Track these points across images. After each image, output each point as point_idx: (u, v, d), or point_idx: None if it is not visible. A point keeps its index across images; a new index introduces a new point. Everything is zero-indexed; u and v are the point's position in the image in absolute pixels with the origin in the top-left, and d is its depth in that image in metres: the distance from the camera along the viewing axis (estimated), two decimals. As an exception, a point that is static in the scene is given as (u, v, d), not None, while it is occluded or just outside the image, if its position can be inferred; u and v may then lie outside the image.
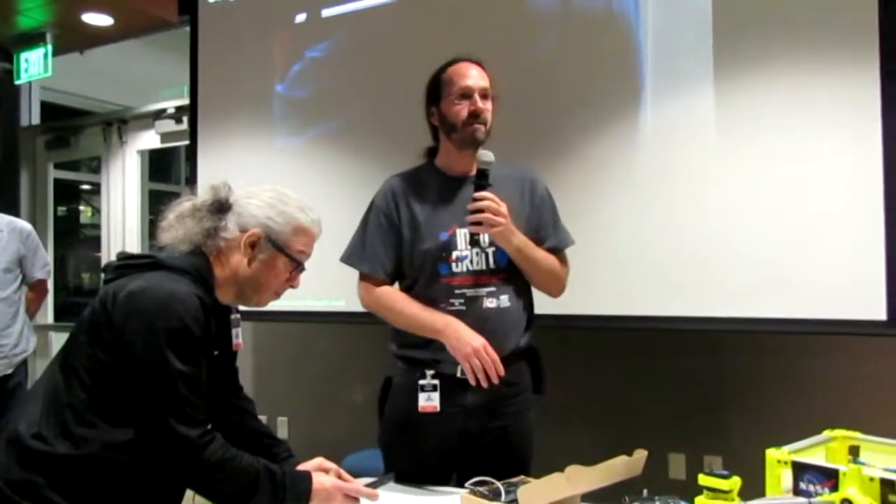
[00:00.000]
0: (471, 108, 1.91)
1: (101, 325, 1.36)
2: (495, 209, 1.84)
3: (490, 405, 1.89)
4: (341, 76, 3.37)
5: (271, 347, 4.09)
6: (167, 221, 1.50)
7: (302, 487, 1.43)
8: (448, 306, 1.89)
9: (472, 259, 1.92)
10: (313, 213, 1.55)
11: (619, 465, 1.34)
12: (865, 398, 2.77)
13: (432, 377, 1.89)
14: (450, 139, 1.97)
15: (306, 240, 1.53)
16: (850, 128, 2.48)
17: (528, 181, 2.05)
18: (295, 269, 1.53)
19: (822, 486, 1.03)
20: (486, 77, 1.97)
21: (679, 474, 3.05)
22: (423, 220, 1.95)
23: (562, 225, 2.09)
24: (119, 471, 1.34)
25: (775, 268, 2.57)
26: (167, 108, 4.51)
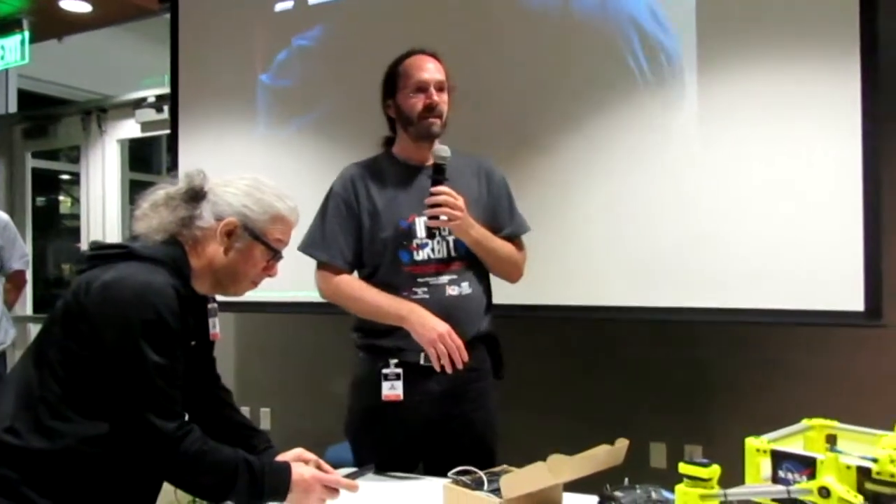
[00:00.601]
0: (426, 101, 1.94)
1: (75, 316, 1.33)
2: (452, 203, 1.87)
3: (453, 391, 1.92)
4: (327, 65, 3.34)
5: (254, 338, 4.07)
6: (141, 210, 1.46)
7: (281, 479, 1.41)
8: (411, 295, 1.91)
9: (433, 247, 1.94)
10: (290, 201, 1.53)
11: (601, 454, 1.35)
12: (843, 388, 2.80)
13: (395, 366, 1.90)
14: (406, 132, 2.00)
15: (284, 228, 1.51)
16: (831, 124, 2.50)
17: (484, 170, 2.08)
18: (272, 258, 1.51)
19: (800, 474, 1.04)
20: (441, 70, 1.99)
21: (660, 463, 3.08)
22: (383, 208, 1.96)
23: (518, 212, 2.12)
24: (95, 464, 1.32)
25: (755, 260, 2.59)
26: (147, 97, 4.46)
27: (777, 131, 2.58)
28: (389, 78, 2.02)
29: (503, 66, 2.97)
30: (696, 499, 1.05)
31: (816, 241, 2.51)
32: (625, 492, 1.26)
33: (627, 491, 1.26)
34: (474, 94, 3.03)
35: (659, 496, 1.24)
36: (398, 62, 2.01)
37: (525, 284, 2.53)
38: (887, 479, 0.95)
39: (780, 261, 2.56)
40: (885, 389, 2.77)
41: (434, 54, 2.01)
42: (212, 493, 1.40)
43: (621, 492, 1.26)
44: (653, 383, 3.13)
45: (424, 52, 2.01)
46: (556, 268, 2.88)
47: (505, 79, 2.97)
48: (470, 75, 3.04)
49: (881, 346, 2.75)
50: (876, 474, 0.96)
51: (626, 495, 1.24)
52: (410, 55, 2.01)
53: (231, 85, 3.59)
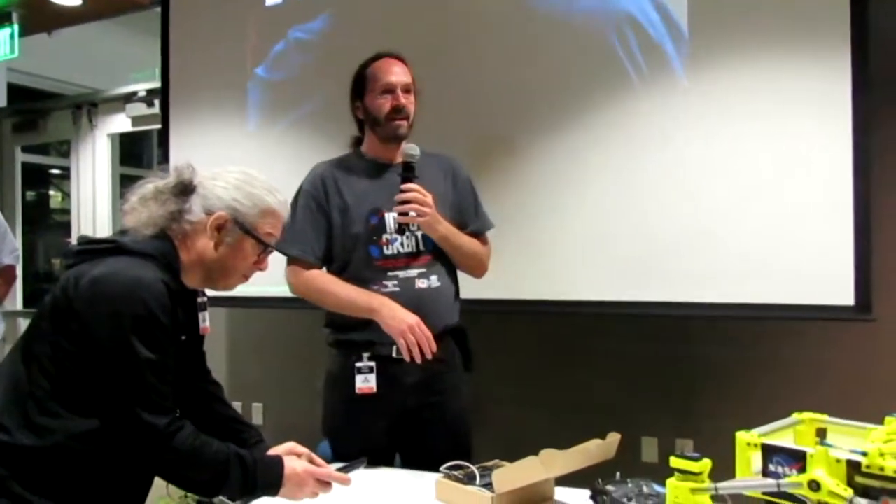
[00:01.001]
0: (393, 102, 2.00)
1: (64, 312, 1.32)
2: (421, 200, 1.93)
3: (425, 382, 1.98)
4: (321, 59, 3.33)
5: (246, 333, 4.07)
6: (130, 204, 1.45)
7: (273, 473, 1.41)
8: (382, 288, 1.96)
9: (403, 242, 2.00)
10: (280, 195, 1.52)
11: (593, 448, 1.35)
12: (833, 382, 2.82)
13: (368, 359, 1.95)
14: (374, 132, 2.06)
15: (274, 221, 1.50)
16: (822, 120, 2.51)
17: (451, 168, 2.15)
18: (263, 252, 1.51)
19: (790, 467, 1.05)
20: (408, 73, 2.06)
21: (651, 457, 3.09)
22: (353, 204, 2.01)
23: (482, 209, 2.20)
24: (84, 461, 1.32)
25: (746, 255, 2.60)
26: (138, 91, 4.44)
27: (768, 128, 2.58)
28: (357, 80, 2.09)
29: (498, 65, 2.97)
30: (687, 492, 1.05)
31: (807, 236, 2.52)
32: (616, 486, 1.27)
33: (619, 485, 1.27)
34: (472, 91, 3.05)
35: (650, 490, 1.24)
36: (366, 65, 2.08)
37: (519, 280, 2.54)
38: (877, 472, 0.96)
39: (770, 256, 2.57)
40: (875, 383, 2.79)
41: (401, 57, 2.09)
42: (204, 488, 1.40)
43: (613, 486, 1.27)
44: (645, 378, 3.13)
45: (391, 56, 2.08)
46: (550, 264, 2.89)
47: (499, 77, 2.97)
48: (468, 71, 3.06)
49: (871, 340, 2.76)
50: (865, 468, 0.97)
51: (618, 489, 1.25)
52: (378, 59, 2.08)
53: (223, 79, 3.58)
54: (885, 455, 0.96)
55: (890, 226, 2.72)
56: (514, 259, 2.90)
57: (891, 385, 2.79)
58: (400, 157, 2.03)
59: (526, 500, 1.38)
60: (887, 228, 2.69)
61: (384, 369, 1.96)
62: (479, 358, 3.40)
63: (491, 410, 3.39)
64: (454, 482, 1.43)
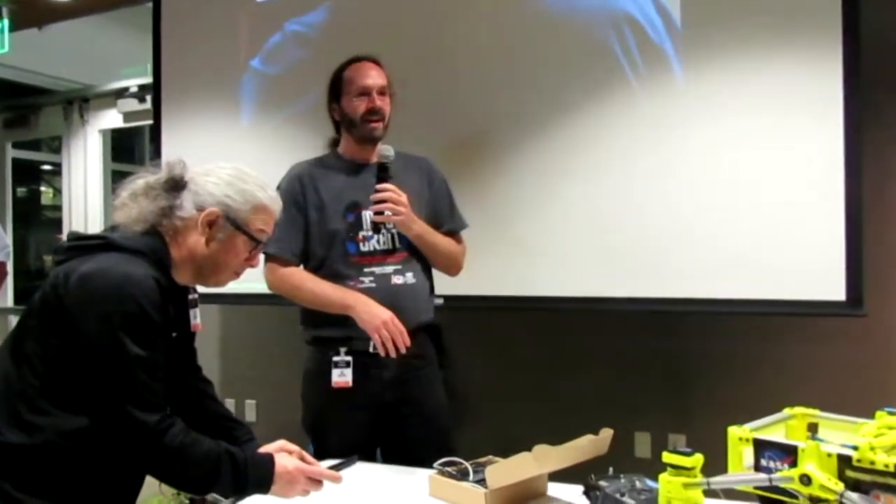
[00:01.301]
0: (369, 104, 2.06)
1: (53, 309, 1.31)
2: (396, 199, 1.99)
3: (402, 377, 2.03)
4: (317, 53, 3.31)
5: (239, 331, 4.06)
6: (120, 200, 1.44)
7: (264, 471, 1.41)
8: (358, 284, 2.01)
9: (379, 239, 2.05)
10: (272, 192, 1.52)
11: (586, 444, 1.35)
12: (824, 377, 2.83)
13: (345, 354, 1.99)
14: (350, 133, 2.12)
15: (266, 217, 1.49)
16: (814, 117, 2.52)
17: (426, 170, 2.21)
18: (254, 248, 1.50)
19: (781, 462, 1.05)
20: (383, 76, 2.12)
21: (644, 453, 3.10)
22: (329, 202, 2.06)
23: (457, 209, 2.25)
24: (75, 459, 1.31)
25: (738, 251, 2.61)
26: (130, 86, 4.42)
27: (760, 125, 2.59)
28: (334, 83, 2.14)
29: (491, 62, 2.97)
30: (680, 487, 1.06)
31: (799, 232, 2.53)
32: (609, 481, 1.27)
33: (612, 480, 1.27)
34: (466, 88, 3.05)
35: (643, 485, 1.25)
36: (342, 68, 2.13)
37: (511, 276, 2.53)
38: (867, 466, 0.96)
39: (763, 252, 2.57)
40: (866, 378, 2.80)
41: (376, 61, 2.14)
42: (195, 486, 1.40)
43: (606, 481, 1.27)
44: (637, 374, 3.14)
45: (367, 59, 2.13)
46: (543, 260, 2.89)
47: (491, 74, 2.96)
48: (464, 67, 3.05)
49: (862, 335, 2.77)
50: (856, 462, 0.97)
51: (611, 484, 1.25)
52: (354, 62, 2.13)
53: (216, 74, 3.56)
54: (876, 449, 0.97)
55: (881, 221, 2.74)
56: (507, 256, 2.90)
57: (881, 380, 2.81)
58: (375, 157, 2.09)
59: (519, 496, 1.39)
60: (878, 224, 2.71)
61: (361, 364, 2.01)
62: (472, 355, 3.42)
63: (484, 407, 3.39)
64: (448, 478, 1.43)
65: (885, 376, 2.81)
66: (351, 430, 2.01)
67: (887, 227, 2.77)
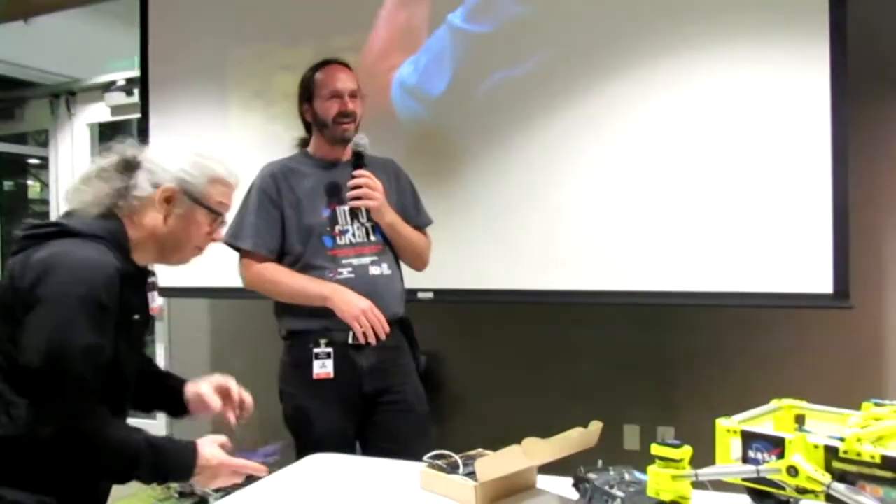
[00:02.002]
0: (341, 107, 2.13)
1: (10, 300, 1.30)
2: (372, 185, 2.08)
3: (380, 367, 2.09)
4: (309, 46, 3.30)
5: (228, 326, 4.05)
6: (74, 185, 1.44)
7: (186, 461, 1.40)
8: (337, 275, 2.07)
9: (354, 232, 2.12)
10: (229, 165, 1.51)
11: (575, 436, 1.36)
12: (811, 369, 2.85)
13: (326, 345, 2.05)
14: (321, 134, 2.18)
15: (224, 190, 1.50)
16: (801, 110, 2.54)
17: (392, 169, 2.30)
18: (215, 222, 1.49)
19: (769, 453, 1.06)
20: (354, 79, 2.19)
21: (633, 445, 3.11)
22: (304, 198, 2.12)
23: (423, 206, 2.36)
24: (42, 451, 1.29)
25: (725, 244, 2.62)
26: (117, 79, 4.38)
27: (747, 118, 2.60)
28: (306, 85, 2.20)
29: (488, 60, 2.96)
30: (668, 479, 1.06)
31: (786, 225, 2.55)
32: (598, 473, 1.27)
33: (601, 472, 1.27)
34: (458, 81, 3.05)
35: (632, 477, 1.25)
36: (314, 71, 2.20)
37: (498, 270, 2.52)
38: (854, 457, 0.97)
39: (750, 245, 2.59)
40: (853, 370, 2.82)
41: (346, 64, 2.21)
42: (114, 474, 1.39)
43: (595, 473, 1.27)
44: (626, 367, 3.16)
45: (338, 63, 2.21)
46: (530, 253, 2.89)
47: (483, 72, 2.96)
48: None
49: (849, 327, 2.80)
50: (843, 453, 0.98)
51: (600, 476, 1.26)
52: (325, 65, 2.20)
53: (204, 67, 3.55)
54: (862, 440, 0.97)
55: (867, 214, 2.76)
56: (496, 249, 2.91)
57: (868, 371, 2.83)
58: (347, 156, 2.16)
59: (509, 489, 1.39)
60: (865, 217, 2.73)
61: (341, 355, 2.05)
62: (461, 349, 3.42)
63: (473, 400, 3.40)
64: (438, 472, 1.44)
65: (871, 368, 2.83)
66: (333, 421, 2.05)
67: (874, 220, 2.79)
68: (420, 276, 2.43)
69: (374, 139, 2.21)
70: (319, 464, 1.66)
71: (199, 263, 2.42)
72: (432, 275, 2.41)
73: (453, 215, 2.95)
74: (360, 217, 2.14)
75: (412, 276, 2.41)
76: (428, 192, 2.49)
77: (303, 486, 1.51)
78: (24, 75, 4.90)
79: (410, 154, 3.04)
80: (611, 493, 1.21)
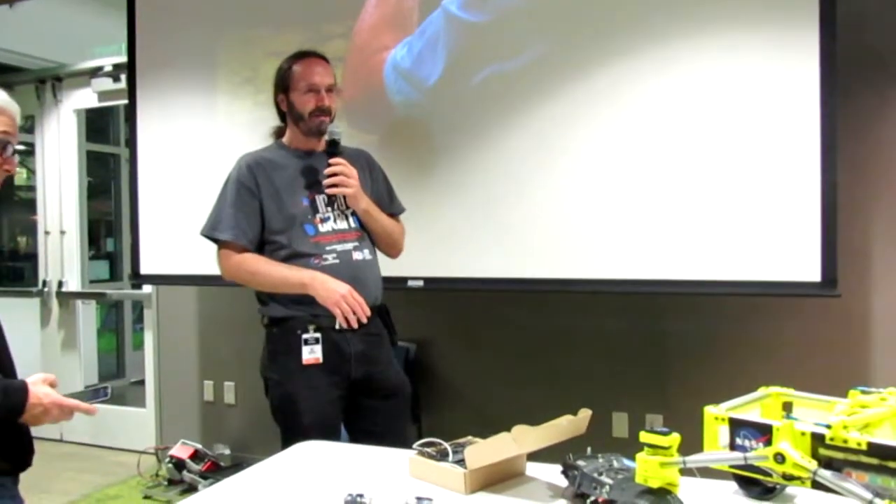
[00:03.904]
0: (318, 102, 2.14)
1: None
2: (348, 172, 2.10)
3: (364, 353, 2.12)
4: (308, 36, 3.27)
5: (217, 313, 4.03)
6: None
7: (16, 399, 1.42)
8: (323, 262, 2.10)
9: (335, 219, 2.14)
10: (3, 94, 1.53)
11: (564, 424, 1.36)
12: (799, 357, 2.87)
13: (314, 331, 2.07)
14: (297, 126, 2.19)
15: (3, 119, 1.52)
16: (790, 98, 2.54)
17: (365, 159, 2.31)
18: (4, 152, 1.52)
19: (756, 440, 1.07)
20: (330, 72, 2.19)
21: (622, 432, 3.13)
22: (283, 188, 2.14)
23: (396, 195, 2.38)
24: None
25: (714, 232, 2.63)
26: (104, 65, 4.34)
27: (736, 106, 2.60)
28: (283, 76, 2.20)
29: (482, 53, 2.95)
30: (657, 466, 1.07)
31: (775, 213, 2.56)
32: (587, 460, 1.28)
33: (590, 460, 1.28)
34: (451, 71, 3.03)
35: (620, 464, 1.26)
36: (291, 62, 2.20)
37: (487, 258, 2.51)
38: (840, 444, 0.98)
39: (739, 233, 2.60)
40: (840, 358, 2.85)
41: (324, 57, 2.21)
42: None
43: (584, 460, 1.28)
44: (615, 355, 3.17)
45: (315, 55, 2.20)
46: (519, 241, 2.90)
47: (474, 66, 2.95)
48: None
49: (837, 315, 2.82)
50: (829, 440, 0.99)
51: (589, 464, 1.26)
52: (302, 57, 2.19)
53: (191, 52, 3.51)
54: (849, 427, 0.98)
55: (855, 203, 2.77)
56: (485, 238, 2.91)
57: (855, 359, 2.85)
58: (322, 146, 2.17)
59: (498, 476, 1.39)
60: (853, 205, 2.74)
61: (329, 341, 2.08)
62: (451, 337, 3.42)
63: (463, 388, 3.41)
64: (427, 459, 1.44)
65: (858, 356, 2.85)
66: (322, 407, 2.07)
67: (863, 209, 2.81)
68: (410, 265, 2.43)
69: (365, 119, 2.22)
70: (307, 452, 1.65)
71: (186, 251, 2.41)
72: (422, 263, 2.42)
73: (442, 203, 2.95)
74: (339, 205, 2.16)
75: (402, 264, 2.41)
76: (417, 179, 2.50)
77: (291, 474, 1.51)
78: (10, 60, 4.84)
79: (400, 138, 3.03)
80: (599, 480, 1.21)
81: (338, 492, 1.32)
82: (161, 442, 4.07)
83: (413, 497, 1.29)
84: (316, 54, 2.22)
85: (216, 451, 3.90)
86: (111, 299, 5.45)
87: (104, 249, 6.18)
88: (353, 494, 1.30)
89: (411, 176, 2.42)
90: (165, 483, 3.70)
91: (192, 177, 3.46)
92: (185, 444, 3.76)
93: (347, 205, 2.16)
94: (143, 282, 3.92)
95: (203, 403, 4.08)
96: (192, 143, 3.51)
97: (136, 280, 3.79)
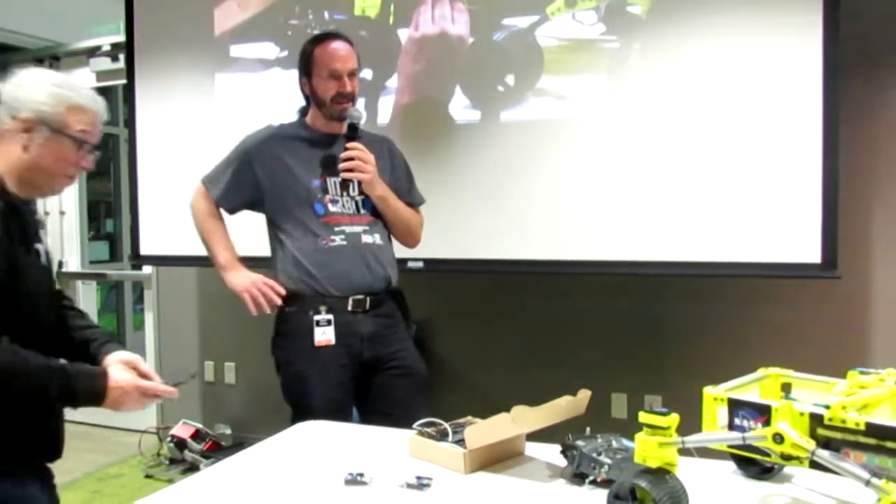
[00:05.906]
0: (339, 88, 2.12)
1: None
2: (365, 158, 2.09)
3: (376, 334, 2.13)
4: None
5: (218, 293, 4.02)
6: None
7: (97, 385, 1.42)
8: (330, 242, 2.09)
9: (344, 203, 2.13)
10: (91, 93, 1.52)
11: (564, 404, 1.37)
12: (798, 338, 2.88)
13: (326, 312, 2.07)
14: (319, 110, 2.18)
15: (84, 117, 1.49)
16: (792, 79, 2.53)
17: (387, 146, 2.29)
18: (81, 150, 1.50)
19: (755, 421, 1.07)
20: (353, 56, 2.16)
21: (621, 413, 3.15)
22: (295, 167, 2.14)
23: (416, 185, 2.36)
24: None
25: (715, 214, 2.63)
26: (102, 45, 4.30)
27: (737, 87, 2.59)
28: (306, 59, 2.18)
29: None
30: (655, 447, 1.07)
31: (776, 195, 2.55)
32: (586, 441, 1.28)
33: (589, 440, 1.28)
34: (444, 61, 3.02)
35: (619, 445, 1.26)
36: (314, 44, 2.16)
37: (487, 240, 2.51)
38: (838, 424, 0.98)
39: (739, 215, 2.60)
40: (839, 339, 2.85)
41: (347, 39, 2.17)
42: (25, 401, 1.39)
43: (583, 441, 1.28)
44: (614, 336, 3.18)
45: (338, 38, 2.17)
46: (519, 224, 2.90)
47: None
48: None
49: (836, 297, 2.82)
50: (828, 420, 0.99)
51: (588, 444, 1.27)
52: (325, 40, 2.16)
53: (190, 31, 3.49)
54: (847, 408, 0.98)
55: (857, 185, 2.76)
56: (483, 219, 2.91)
57: (854, 340, 2.86)
58: (343, 129, 2.15)
59: (497, 456, 1.40)
60: (854, 188, 2.74)
61: (341, 322, 2.08)
62: (451, 319, 3.43)
63: (463, 369, 3.42)
64: (427, 439, 1.44)
65: (857, 337, 2.86)
66: (333, 388, 2.06)
67: (863, 191, 2.80)
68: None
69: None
70: (310, 431, 1.66)
71: (186, 232, 2.41)
72: (423, 244, 2.41)
73: (444, 183, 2.94)
74: (351, 190, 2.15)
75: (402, 247, 2.41)
76: (421, 161, 2.48)
77: (292, 453, 1.52)
78: (8, 40, 4.80)
79: (404, 126, 3.03)
80: (598, 460, 1.22)
81: (338, 471, 1.33)
82: (162, 422, 4.09)
83: (413, 476, 1.30)
84: (339, 36, 2.19)
85: (217, 430, 3.92)
86: (111, 280, 5.45)
87: (104, 230, 6.17)
88: (354, 473, 1.30)
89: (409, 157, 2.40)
90: (167, 462, 3.72)
91: (192, 157, 3.45)
92: (187, 423, 3.77)
93: (362, 190, 2.15)
94: (143, 262, 3.92)
95: (204, 384, 4.09)
96: (191, 123, 3.50)
97: (135, 261, 3.79)
